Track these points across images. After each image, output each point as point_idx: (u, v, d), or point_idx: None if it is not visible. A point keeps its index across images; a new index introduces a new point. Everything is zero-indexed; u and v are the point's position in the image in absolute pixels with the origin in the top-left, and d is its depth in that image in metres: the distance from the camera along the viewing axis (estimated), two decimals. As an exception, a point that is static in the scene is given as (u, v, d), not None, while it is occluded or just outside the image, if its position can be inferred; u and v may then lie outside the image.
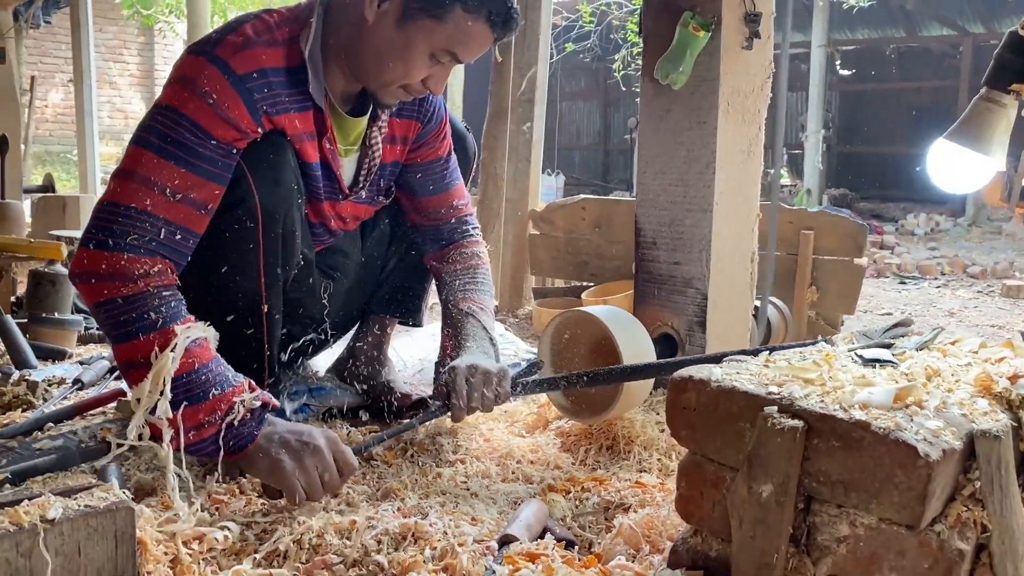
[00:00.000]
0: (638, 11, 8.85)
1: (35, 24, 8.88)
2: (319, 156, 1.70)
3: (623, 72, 9.29)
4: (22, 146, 8.00)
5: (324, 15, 1.62)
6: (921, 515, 0.99)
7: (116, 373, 2.30)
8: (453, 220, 1.96)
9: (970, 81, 12.33)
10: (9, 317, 2.39)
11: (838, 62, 13.21)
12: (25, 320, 2.61)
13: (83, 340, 2.76)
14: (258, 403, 1.44)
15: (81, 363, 2.42)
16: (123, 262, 1.41)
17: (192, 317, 1.46)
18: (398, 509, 1.49)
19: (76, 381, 2.16)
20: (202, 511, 1.46)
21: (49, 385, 2.17)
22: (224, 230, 1.58)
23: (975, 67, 12.36)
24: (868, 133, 13.32)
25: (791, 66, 11.26)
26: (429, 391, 2.09)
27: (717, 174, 1.89)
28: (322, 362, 2.24)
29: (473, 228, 2.00)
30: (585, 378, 1.66)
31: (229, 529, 1.40)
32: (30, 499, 1.18)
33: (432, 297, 2.22)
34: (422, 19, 1.53)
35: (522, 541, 1.30)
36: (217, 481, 1.58)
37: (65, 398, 2.07)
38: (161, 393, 1.37)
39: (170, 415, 1.37)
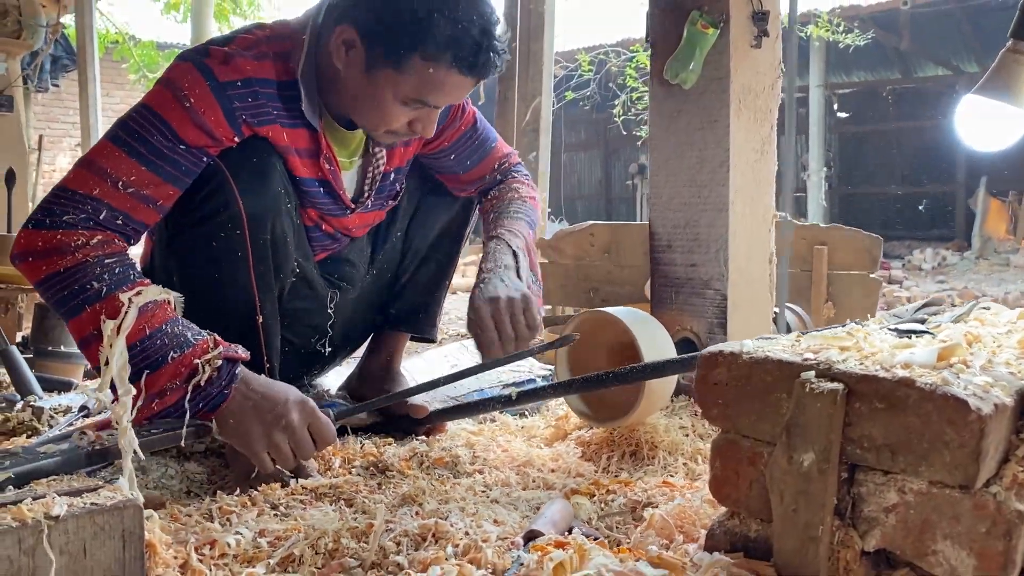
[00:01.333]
0: (633, 57, 8.99)
1: (43, 88, 8.98)
2: (318, 174, 1.67)
3: (623, 117, 9.36)
4: (29, 203, 8.06)
5: (318, 35, 1.60)
6: (975, 474, 0.93)
7: (83, 413, 2.25)
8: (498, 175, 1.94)
9: (968, 119, 12.41)
10: (15, 348, 2.35)
11: (835, 105, 13.34)
12: (31, 355, 2.57)
13: (90, 375, 2.71)
14: (220, 361, 1.40)
15: (87, 394, 2.37)
16: (58, 237, 1.39)
17: (147, 280, 1.43)
18: (416, 513, 1.44)
19: (82, 408, 2.11)
20: (212, 522, 1.41)
21: (55, 412, 2.12)
22: (210, 239, 1.55)
23: (972, 105, 12.46)
24: (868, 173, 13.39)
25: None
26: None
27: (731, 172, 1.86)
28: (331, 381, 2.19)
29: (516, 170, 1.96)
30: (610, 377, 1.61)
31: (241, 535, 1.34)
32: (34, 499, 1.13)
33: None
34: (384, 69, 1.51)
35: (548, 536, 1.24)
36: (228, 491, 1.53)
37: (71, 424, 2.02)
38: (106, 363, 1.33)
39: (124, 386, 1.32)
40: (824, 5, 9.29)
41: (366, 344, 2.12)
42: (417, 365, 2.46)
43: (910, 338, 1.18)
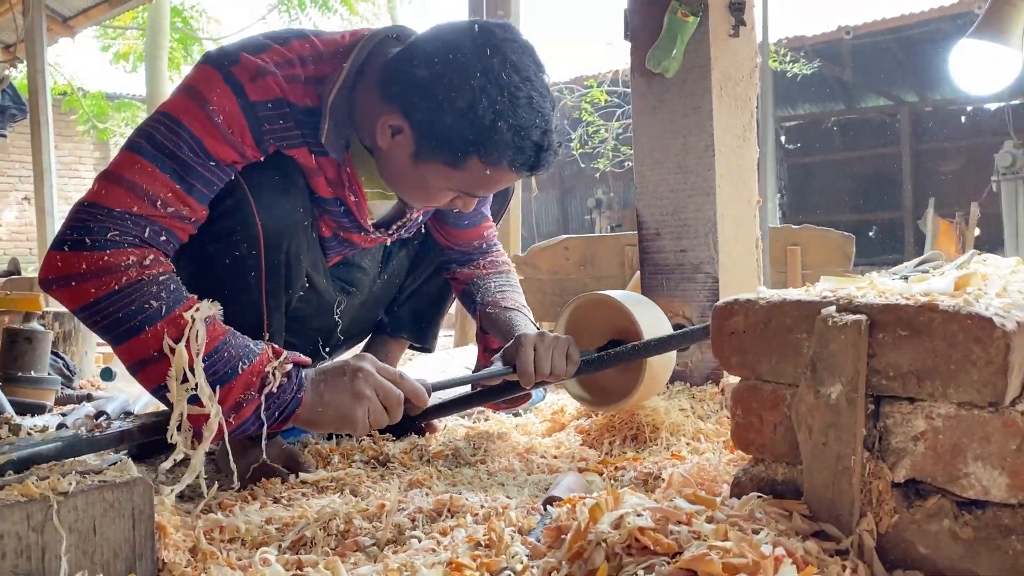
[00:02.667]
0: (588, 93, 9.13)
1: (-11, 139, 8.82)
2: (343, 197, 1.61)
3: (580, 151, 9.48)
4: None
5: (363, 64, 1.51)
6: (1004, 390, 0.94)
7: (102, 418, 2.18)
8: (483, 245, 1.95)
9: (911, 147, 12.82)
10: (-16, 372, 2.28)
11: (783, 137, 13.67)
12: (0, 382, 2.49)
13: (61, 401, 2.63)
14: (290, 365, 1.35)
15: (63, 414, 2.30)
16: (106, 258, 1.30)
17: (195, 297, 1.36)
18: (426, 495, 1.41)
19: (60, 426, 2.04)
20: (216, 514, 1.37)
21: (33, 431, 2.05)
22: (224, 256, 1.49)
23: (914, 133, 12.88)
24: (817, 203, 13.68)
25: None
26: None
27: (716, 157, 1.89)
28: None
29: (496, 246, 1.99)
30: (613, 356, 1.61)
31: (251, 519, 1.30)
32: (40, 478, 1.08)
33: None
34: (435, 162, 1.44)
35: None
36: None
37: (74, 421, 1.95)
38: (182, 380, 1.28)
39: (209, 402, 1.27)
40: (770, 36, 9.57)
41: (361, 345, 2.09)
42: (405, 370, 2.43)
43: (918, 282, 1.20)
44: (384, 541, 1.22)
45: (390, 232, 1.73)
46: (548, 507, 1.20)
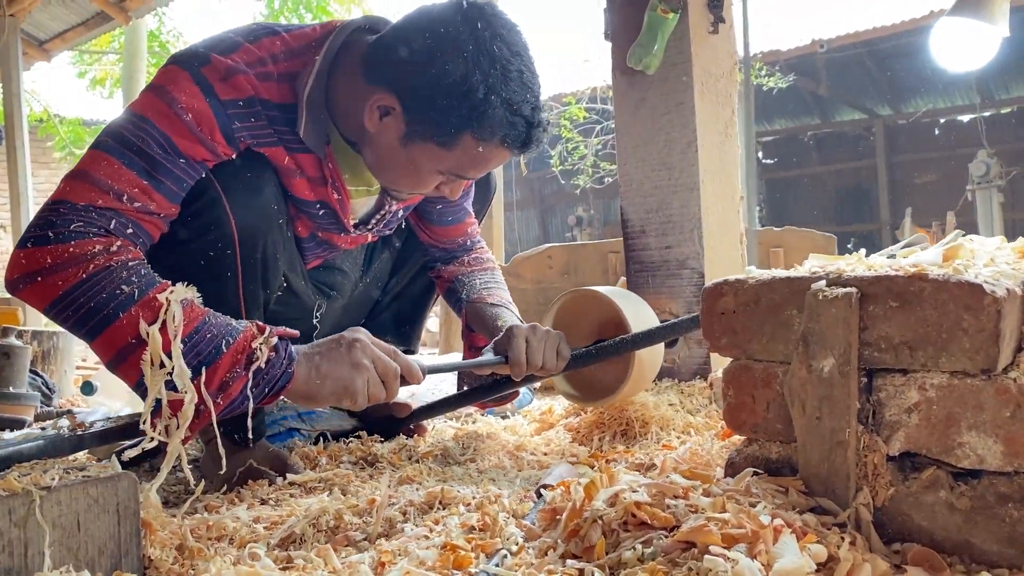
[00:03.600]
0: (566, 109, 9.18)
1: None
2: (324, 198, 1.59)
3: (560, 167, 9.52)
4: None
5: (337, 55, 1.49)
6: (996, 357, 0.94)
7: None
8: (467, 243, 1.93)
9: (886, 160, 12.98)
10: (-37, 386, 2.23)
11: (760, 152, 13.79)
12: (-23, 399, 2.44)
13: (40, 418, 2.59)
14: (275, 339, 1.28)
15: (43, 428, 2.26)
16: (71, 249, 1.25)
17: (168, 281, 1.30)
18: (416, 489, 1.39)
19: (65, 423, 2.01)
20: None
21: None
22: (200, 257, 1.45)
23: (888, 146, 13.05)
24: (796, 216, 13.79)
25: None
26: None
27: (700, 152, 1.89)
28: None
29: (480, 243, 1.96)
30: (601, 350, 1.60)
31: (239, 517, 1.28)
32: (22, 475, 1.06)
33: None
34: (426, 143, 1.42)
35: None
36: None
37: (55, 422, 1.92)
38: (161, 365, 1.22)
39: (185, 385, 1.21)
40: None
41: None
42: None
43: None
44: (375, 535, 1.20)
45: (369, 227, 1.71)
46: (542, 493, 1.18)
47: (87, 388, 2.57)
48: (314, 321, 1.81)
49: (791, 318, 1.08)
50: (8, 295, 3.59)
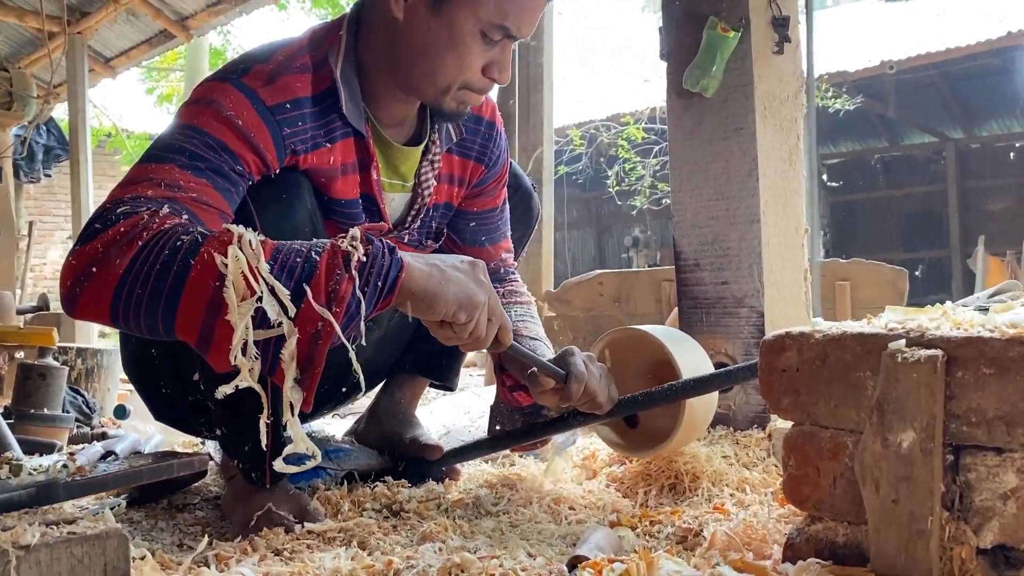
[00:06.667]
0: (624, 129, 9.05)
1: (35, 179, 8.93)
2: (360, 190, 1.50)
3: (617, 188, 9.36)
4: (18, 291, 7.92)
5: (356, 29, 1.47)
6: (1115, 441, 0.79)
7: (110, 458, 2.08)
8: (501, 270, 1.79)
9: (957, 184, 12.53)
10: (-7, 409, 2.19)
11: (825, 175, 13.44)
12: (11, 420, 2.40)
13: (74, 440, 2.54)
14: (363, 235, 1.13)
15: (71, 454, 2.20)
16: (121, 228, 1.10)
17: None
18: (439, 550, 1.27)
19: (64, 467, 1.94)
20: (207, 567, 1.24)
21: (34, 471, 1.95)
22: None
23: (960, 171, 12.59)
24: (862, 241, 13.39)
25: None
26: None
27: (761, 181, 1.75)
28: (335, 428, 2.04)
29: (515, 275, 1.83)
30: (648, 397, 1.46)
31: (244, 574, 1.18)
32: (2, 529, 0.97)
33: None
34: None
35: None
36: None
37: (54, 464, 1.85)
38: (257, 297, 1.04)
39: (287, 303, 1.05)
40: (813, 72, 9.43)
41: (379, 387, 1.95)
42: (420, 411, 2.30)
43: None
44: (389, 603, 1.09)
45: (406, 226, 1.61)
46: (573, 571, 1.05)
47: (120, 412, 2.52)
48: (349, 354, 1.71)
49: (864, 381, 0.94)
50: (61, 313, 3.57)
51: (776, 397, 1.02)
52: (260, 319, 1.05)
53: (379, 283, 1.11)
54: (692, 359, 1.56)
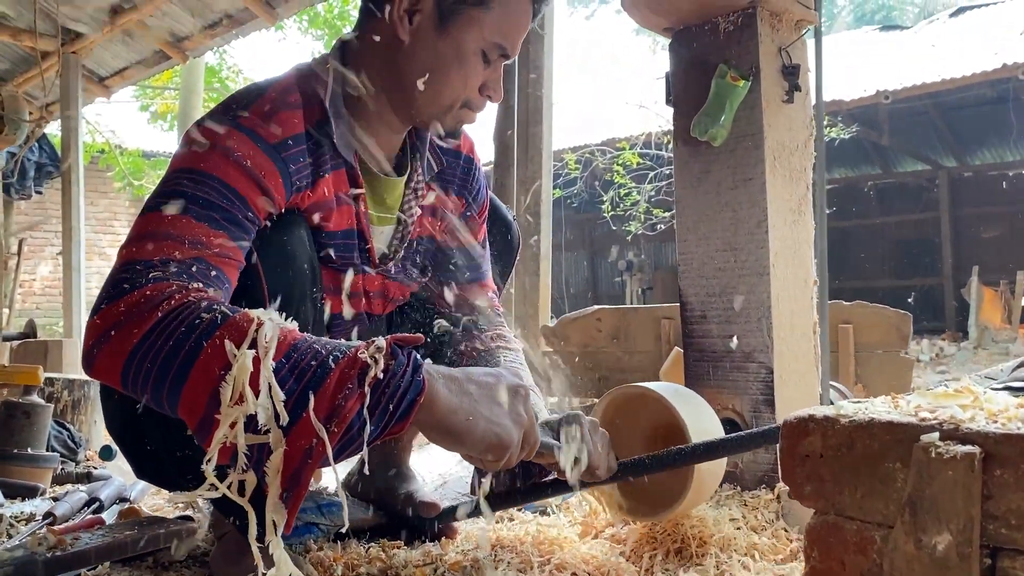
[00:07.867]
0: (619, 155, 9.03)
1: (26, 195, 8.84)
2: (349, 222, 1.48)
3: (612, 213, 9.35)
4: (6, 310, 7.82)
5: (343, 61, 1.46)
6: None
7: (94, 506, 2.02)
8: (488, 311, 1.73)
9: (950, 212, 12.56)
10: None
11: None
12: (-7, 459, 2.33)
13: (59, 480, 2.47)
14: (390, 347, 1.03)
15: (55, 499, 2.13)
16: (148, 293, 1.06)
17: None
18: (438, 627, 1.21)
19: (47, 515, 1.87)
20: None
21: (16, 521, 1.88)
22: None
23: (953, 199, 12.63)
24: (855, 268, 13.41)
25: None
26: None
27: (770, 233, 1.70)
28: (328, 480, 1.97)
29: (502, 320, 1.77)
30: (654, 461, 1.41)
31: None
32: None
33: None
34: (466, 11, 1.38)
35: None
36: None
37: (33, 534, 1.78)
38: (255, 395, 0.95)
39: (282, 413, 0.96)
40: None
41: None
42: (417, 457, 2.24)
43: (1028, 397, 1.00)
44: None
45: (391, 259, 1.57)
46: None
47: (106, 453, 2.45)
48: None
49: (893, 472, 0.89)
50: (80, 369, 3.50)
51: (798, 483, 0.97)
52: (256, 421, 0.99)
53: (390, 405, 1.01)
54: (701, 419, 1.51)
